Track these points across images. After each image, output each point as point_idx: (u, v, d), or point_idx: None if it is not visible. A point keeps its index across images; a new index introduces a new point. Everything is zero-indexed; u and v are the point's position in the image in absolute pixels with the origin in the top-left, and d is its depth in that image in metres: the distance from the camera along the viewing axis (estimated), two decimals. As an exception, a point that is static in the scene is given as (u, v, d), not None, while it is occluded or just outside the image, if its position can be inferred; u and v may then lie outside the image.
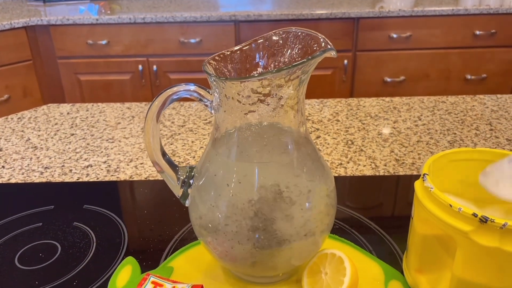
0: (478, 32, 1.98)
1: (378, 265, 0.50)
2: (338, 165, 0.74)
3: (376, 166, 0.74)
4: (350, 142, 0.82)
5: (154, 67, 2.01)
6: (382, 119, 0.91)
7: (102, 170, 0.75)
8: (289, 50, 0.44)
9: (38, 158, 0.79)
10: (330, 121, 0.91)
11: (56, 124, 0.93)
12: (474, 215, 0.37)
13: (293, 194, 0.41)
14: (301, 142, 0.43)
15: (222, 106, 0.41)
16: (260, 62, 0.45)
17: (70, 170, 0.75)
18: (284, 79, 0.38)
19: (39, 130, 0.90)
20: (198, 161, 0.48)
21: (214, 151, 0.43)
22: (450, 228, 0.38)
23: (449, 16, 1.95)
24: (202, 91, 0.42)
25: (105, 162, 0.77)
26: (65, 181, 0.72)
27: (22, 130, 0.90)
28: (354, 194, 0.67)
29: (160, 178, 0.71)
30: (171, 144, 0.83)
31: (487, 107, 0.96)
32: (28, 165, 0.77)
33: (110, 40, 1.97)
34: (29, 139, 0.86)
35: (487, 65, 2.05)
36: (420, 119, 0.91)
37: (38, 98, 2.03)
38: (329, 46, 0.39)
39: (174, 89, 0.42)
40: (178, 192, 0.47)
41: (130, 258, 0.52)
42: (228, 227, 0.42)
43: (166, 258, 0.53)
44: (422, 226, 0.43)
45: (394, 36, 1.97)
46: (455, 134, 0.84)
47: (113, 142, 0.84)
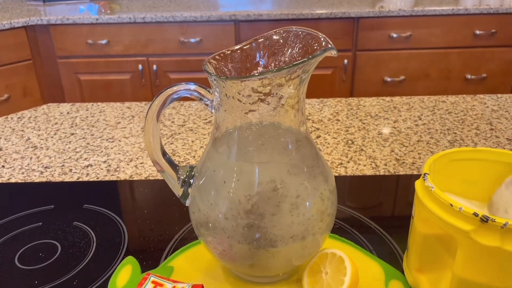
0: (478, 31, 1.98)
1: (379, 264, 0.50)
2: (338, 164, 0.74)
3: (376, 165, 0.74)
4: (350, 142, 0.82)
5: (154, 67, 2.01)
6: (382, 119, 0.91)
7: (102, 169, 0.74)
8: (289, 49, 0.43)
9: (38, 157, 0.79)
10: (330, 120, 0.91)
11: (56, 123, 0.93)
12: (475, 215, 0.37)
13: (293, 194, 0.41)
14: (301, 142, 0.43)
15: (222, 105, 0.41)
16: (260, 62, 0.45)
17: (70, 170, 0.75)
18: (284, 78, 0.38)
19: (39, 130, 0.90)
20: (199, 160, 0.48)
21: (215, 151, 0.43)
22: (451, 227, 0.38)
23: (449, 15, 1.95)
24: (202, 91, 0.42)
25: (105, 162, 0.77)
26: (65, 180, 0.71)
27: (22, 130, 0.90)
28: (354, 193, 0.67)
29: (160, 178, 0.70)
30: (171, 143, 0.83)
31: (488, 107, 0.96)
32: (28, 164, 0.77)
33: (110, 39, 1.97)
34: (29, 139, 0.86)
35: (487, 65, 2.05)
36: (420, 119, 0.91)
37: (38, 98, 2.03)
38: (329, 45, 0.39)
39: (175, 88, 0.42)
40: (178, 191, 0.47)
41: (130, 258, 0.51)
42: (228, 227, 0.41)
43: (166, 258, 0.53)
44: (422, 225, 0.43)
45: (394, 35, 1.97)
46: (456, 133, 0.84)
47: (113, 142, 0.84)
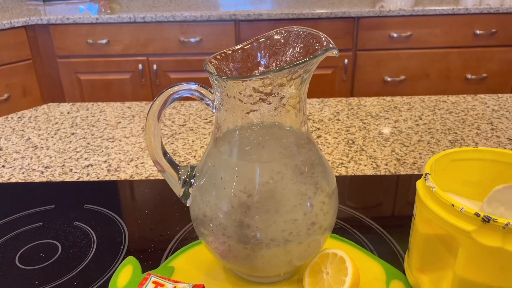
0: (478, 31, 1.98)
1: (380, 264, 0.50)
2: (339, 164, 0.74)
3: (377, 165, 0.73)
4: (351, 142, 0.82)
5: (154, 67, 2.01)
6: (383, 119, 0.91)
7: (102, 169, 0.74)
8: (290, 49, 0.43)
9: (38, 157, 0.79)
10: (330, 120, 0.91)
11: (56, 123, 0.93)
12: (477, 215, 0.36)
13: (294, 194, 0.41)
14: (302, 142, 0.43)
15: (223, 105, 0.41)
16: (261, 61, 0.45)
17: (71, 170, 0.75)
18: (286, 78, 0.38)
19: (40, 130, 0.90)
20: (199, 160, 0.48)
21: (216, 150, 0.43)
22: (452, 227, 0.38)
23: (449, 15, 1.95)
24: (203, 90, 0.42)
25: (105, 162, 0.77)
26: (65, 180, 0.71)
27: (23, 130, 0.90)
28: (355, 193, 0.67)
29: (160, 178, 0.70)
30: (172, 143, 0.83)
31: (488, 107, 0.96)
32: (28, 164, 0.77)
33: (110, 39, 1.97)
34: (29, 139, 0.86)
35: (488, 64, 2.05)
36: (421, 119, 0.91)
37: (38, 98, 2.03)
38: (331, 45, 0.39)
39: (176, 88, 0.42)
40: (179, 191, 0.47)
41: (131, 258, 0.51)
42: (229, 227, 0.41)
43: (167, 258, 0.53)
44: (424, 225, 0.43)
45: (395, 35, 1.97)
46: (456, 133, 0.84)
47: (113, 142, 0.84)
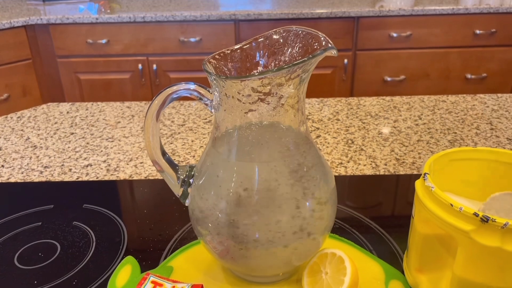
0: (478, 31, 1.97)
1: (379, 264, 0.50)
2: (338, 164, 0.74)
3: (376, 165, 0.73)
4: (350, 142, 0.82)
5: (154, 66, 2.01)
6: (382, 118, 0.91)
7: (101, 169, 0.74)
8: (289, 49, 0.43)
9: (37, 157, 0.79)
10: (330, 120, 0.91)
11: (55, 123, 0.93)
12: (475, 215, 0.36)
13: (293, 193, 0.41)
14: (301, 142, 0.43)
15: (222, 105, 0.41)
16: (260, 61, 0.45)
17: (70, 170, 0.74)
18: (284, 78, 0.38)
19: (39, 129, 0.90)
20: (198, 160, 0.48)
21: (214, 150, 0.43)
22: (451, 227, 0.38)
23: (449, 15, 1.95)
24: (202, 90, 0.42)
25: (104, 162, 0.77)
26: (64, 180, 0.71)
27: (22, 129, 0.90)
28: (354, 193, 0.67)
29: (160, 178, 0.70)
30: (171, 143, 0.83)
31: (488, 107, 0.96)
32: (27, 164, 0.77)
33: (110, 39, 1.97)
34: (28, 138, 0.86)
35: (487, 64, 2.05)
36: (420, 118, 0.91)
37: (38, 97, 2.03)
38: (329, 45, 0.39)
39: (174, 88, 0.42)
40: (178, 191, 0.47)
41: (129, 258, 0.51)
42: (228, 227, 0.41)
43: (166, 258, 0.53)
44: (422, 225, 0.43)
45: (394, 35, 1.97)
46: (456, 133, 0.84)
47: (112, 141, 0.84)
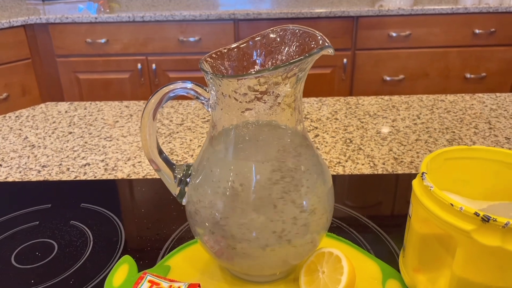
0: (477, 31, 1.97)
1: (376, 264, 0.50)
2: (336, 163, 0.74)
3: (374, 164, 0.73)
4: (348, 141, 0.82)
5: (153, 66, 2.01)
6: (381, 118, 0.91)
7: (99, 168, 0.74)
8: (286, 48, 0.43)
9: (35, 156, 0.79)
10: (328, 119, 0.91)
11: (54, 122, 0.93)
12: (476, 214, 0.36)
13: (290, 193, 0.41)
14: (298, 140, 0.43)
15: (219, 104, 0.41)
16: (257, 60, 0.44)
17: (68, 169, 0.74)
18: (281, 77, 0.38)
19: (37, 129, 0.90)
20: (195, 159, 0.47)
21: (211, 149, 0.43)
22: (451, 227, 0.38)
23: (448, 14, 1.94)
24: (199, 89, 0.42)
25: (102, 161, 0.77)
26: (62, 179, 0.71)
27: (20, 129, 0.90)
28: (352, 192, 0.67)
29: (157, 177, 0.70)
30: (169, 142, 0.83)
31: (486, 106, 0.96)
32: (25, 163, 0.76)
33: (109, 38, 1.97)
34: (26, 138, 0.86)
35: (487, 64, 2.05)
36: (419, 118, 0.91)
37: (37, 97, 2.03)
38: (326, 44, 0.39)
39: (171, 86, 0.42)
40: (175, 190, 0.46)
41: (127, 257, 0.51)
42: (225, 226, 0.41)
43: (163, 257, 0.53)
44: (420, 225, 0.43)
45: (394, 34, 1.97)
46: (454, 132, 0.84)
47: (111, 141, 0.84)
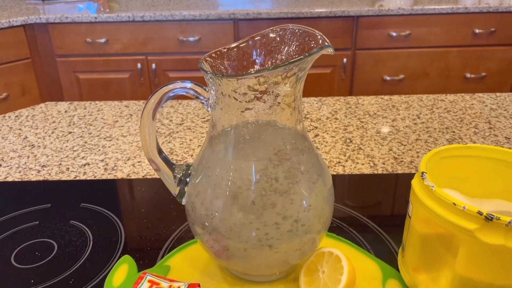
0: (477, 30, 1.97)
1: (376, 263, 0.50)
2: (336, 163, 0.74)
3: (374, 164, 0.73)
4: (348, 141, 0.81)
5: (153, 66, 2.01)
6: (380, 118, 0.91)
7: (99, 168, 0.74)
8: (286, 47, 0.43)
9: (35, 156, 0.79)
10: (328, 119, 0.91)
11: (53, 122, 0.93)
12: (479, 213, 0.36)
13: (290, 192, 0.41)
14: (298, 140, 0.43)
15: (218, 103, 0.41)
16: (257, 60, 0.44)
17: (67, 169, 0.74)
18: (281, 76, 0.38)
19: (37, 128, 0.90)
20: (195, 159, 0.47)
21: (211, 149, 0.43)
22: (454, 226, 0.38)
23: (448, 14, 1.94)
24: (198, 89, 0.42)
25: (102, 161, 0.77)
26: (62, 179, 0.71)
27: (20, 128, 0.90)
28: (352, 192, 0.67)
29: (157, 177, 0.70)
30: (169, 142, 0.82)
31: (486, 106, 0.96)
32: (25, 163, 0.76)
33: (109, 38, 1.97)
34: (26, 137, 0.86)
35: (487, 63, 2.04)
36: (419, 117, 0.91)
37: (37, 97, 2.03)
38: (326, 43, 0.39)
39: (170, 86, 0.42)
40: (174, 190, 0.46)
41: (126, 257, 0.51)
42: (224, 225, 0.41)
43: (163, 257, 0.53)
44: (421, 225, 0.42)
45: (394, 34, 1.97)
46: (454, 132, 0.84)
47: (110, 141, 0.84)
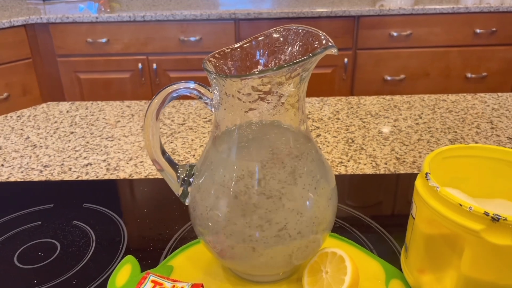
0: (478, 30, 1.97)
1: (379, 264, 0.50)
2: (338, 163, 0.74)
3: (376, 164, 0.73)
4: (350, 141, 0.81)
5: (154, 66, 2.01)
6: (382, 118, 0.91)
7: (101, 168, 0.74)
8: (289, 48, 0.43)
9: (37, 156, 0.79)
10: (330, 119, 0.91)
11: (55, 122, 0.93)
12: (486, 214, 0.36)
13: (293, 192, 0.41)
14: (301, 140, 0.43)
15: (222, 104, 0.41)
16: (260, 60, 0.44)
17: (70, 169, 0.74)
18: (285, 77, 0.38)
19: (39, 129, 0.90)
20: (198, 159, 0.47)
21: (214, 149, 0.43)
22: (460, 227, 0.38)
23: (449, 14, 1.94)
24: (202, 89, 0.42)
25: (104, 161, 0.77)
26: (64, 179, 0.71)
27: (22, 128, 0.90)
28: (354, 192, 0.67)
29: (159, 177, 0.70)
30: (171, 142, 0.82)
31: (488, 106, 0.96)
32: (27, 163, 0.76)
33: (110, 38, 1.97)
34: (28, 137, 0.86)
35: (488, 63, 2.04)
36: (420, 117, 0.91)
37: (38, 96, 2.03)
38: (330, 44, 0.39)
39: (174, 86, 0.42)
40: (178, 190, 0.46)
41: (129, 257, 0.51)
42: (228, 226, 0.41)
43: (166, 257, 0.53)
44: (425, 225, 0.42)
45: (395, 34, 1.97)
46: (456, 132, 0.84)
47: (112, 141, 0.84)
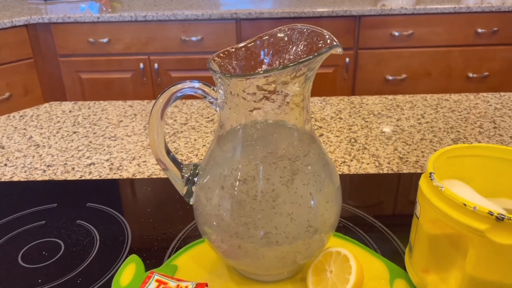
0: (480, 30, 1.97)
1: (383, 263, 0.50)
2: (341, 163, 0.74)
3: (379, 164, 0.73)
4: (353, 140, 0.82)
5: (156, 65, 2.01)
6: (385, 117, 0.91)
7: (104, 168, 0.74)
8: (294, 47, 0.43)
9: (40, 156, 0.79)
10: (333, 119, 0.91)
11: (58, 122, 0.93)
12: (490, 214, 0.36)
13: (298, 192, 0.41)
14: (306, 140, 0.43)
15: (227, 103, 0.41)
16: (265, 59, 0.44)
17: (73, 168, 0.74)
18: (290, 76, 0.38)
19: (42, 128, 0.90)
20: (203, 158, 0.47)
21: (219, 149, 0.43)
22: (464, 227, 0.38)
23: (451, 14, 1.94)
24: (206, 88, 0.42)
25: (107, 160, 0.77)
26: (67, 179, 0.71)
27: (25, 128, 0.90)
28: (357, 192, 0.67)
29: (163, 176, 0.70)
30: (174, 142, 0.83)
31: (491, 105, 0.96)
32: (30, 163, 0.77)
33: (111, 38, 1.97)
34: (31, 137, 0.86)
35: (489, 63, 2.04)
36: (423, 117, 0.91)
37: (39, 96, 2.03)
38: (335, 43, 0.39)
39: (179, 86, 0.42)
40: (182, 190, 0.47)
41: (134, 256, 0.51)
42: (232, 225, 0.41)
43: (170, 256, 0.53)
44: (429, 225, 0.42)
45: (396, 34, 1.97)
46: (459, 132, 0.84)
47: (115, 140, 0.84)
